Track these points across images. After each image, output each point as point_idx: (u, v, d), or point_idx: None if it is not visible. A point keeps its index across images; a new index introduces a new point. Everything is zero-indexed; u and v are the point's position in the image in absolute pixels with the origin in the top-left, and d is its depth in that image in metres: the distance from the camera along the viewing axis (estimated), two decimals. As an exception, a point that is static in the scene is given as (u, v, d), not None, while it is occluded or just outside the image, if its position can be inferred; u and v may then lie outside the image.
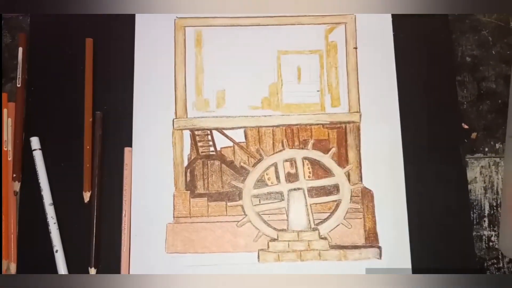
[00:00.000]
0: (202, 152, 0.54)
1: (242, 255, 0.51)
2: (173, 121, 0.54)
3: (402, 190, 0.53)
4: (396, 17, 0.56)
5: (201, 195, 0.53)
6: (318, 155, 0.54)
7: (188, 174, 0.53)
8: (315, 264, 0.51)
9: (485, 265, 0.52)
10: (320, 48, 0.56)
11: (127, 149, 0.53)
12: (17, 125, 0.53)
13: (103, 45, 0.56)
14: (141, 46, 0.56)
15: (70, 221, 0.52)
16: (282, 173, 0.54)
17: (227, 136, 0.54)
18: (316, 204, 0.53)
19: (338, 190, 0.53)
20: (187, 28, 0.56)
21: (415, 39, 0.56)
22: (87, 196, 0.52)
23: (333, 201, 0.53)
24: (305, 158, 0.54)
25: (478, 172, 0.54)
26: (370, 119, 0.54)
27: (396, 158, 0.53)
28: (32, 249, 0.51)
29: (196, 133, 0.54)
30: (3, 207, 0.51)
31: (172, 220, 0.52)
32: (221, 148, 0.54)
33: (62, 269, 0.50)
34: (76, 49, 0.55)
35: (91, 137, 0.53)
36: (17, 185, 0.52)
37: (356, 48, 0.56)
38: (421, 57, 0.56)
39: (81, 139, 0.53)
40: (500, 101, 0.56)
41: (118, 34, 0.56)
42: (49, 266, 0.51)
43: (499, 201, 0.54)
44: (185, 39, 0.56)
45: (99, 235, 0.51)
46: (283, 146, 0.54)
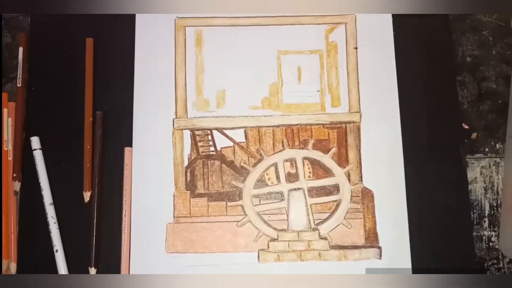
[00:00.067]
0: (202, 152, 0.54)
1: (242, 255, 0.51)
2: (173, 121, 0.54)
3: (402, 190, 0.53)
4: (396, 17, 0.56)
5: (201, 195, 0.53)
6: (318, 155, 0.54)
7: (188, 174, 0.53)
8: (315, 264, 0.51)
9: (485, 265, 0.52)
10: (320, 48, 0.56)
11: (127, 149, 0.53)
12: (17, 125, 0.53)
13: (103, 45, 0.56)
14: (141, 46, 0.56)
15: (70, 221, 0.52)
16: (282, 173, 0.54)
17: (227, 136, 0.54)
18: (316, 204, 0.53)
19: (338, 190, 0.53)
20: (187, 28, 0.56)
21: (415, 39, 0.56)
22: (87, 196, 0.52)
23: (333, 201, 0.53)
24: (305, 158, 0.54)
25: (478, 172, 0.54)
26: (370, 119, 0.54)
27: (396, 158, 0.53)
28: (32, 249, 0.51)
29: (196, 133, 0.54)
30: (3, 207, 0.51)
31: (172, 220, 0.52)
32: (221, 148, 0.54)
33: (62, 269, 0.50)
34: (76, 49, 0.55)
35: (91, 137, 0.53)
36: (17, 185, 0.52)
37: (356, 48, 0.56)
38: (421, 57, 0.56)
39: (81, 139, 0.53)
40: (500, 101, 0.56)
41: (118, 34, 0.56)
42: (49, 266, 0.51)
43: (499, 201, 0.54)
44: (185, 39, 0.56)
45: (99, 235, 0.51)
46: (283, 146, 0.54)
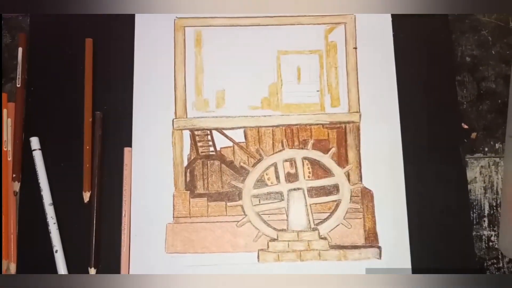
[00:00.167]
0: (202, 152, 0.54)
1: (242, 255, 0.51)
2: (173, 121, 0.54)
3: (402, 190, 0.53)
4: (396, 17, 0.56)
5: (201, 195, 0.53)
6: (318, 155, 0.54)
7: (188, 174, 0.53)
8: (315, 264, 0.51)
9: (485, 265, 0.52)
10: (320, 48, 0.56)
11: (127, 149, 0.53)
12: (17, 125, 0.53)
13: (103, 45, 0.56)
14: (141, 46, 0.56)
15: (70, 221, 0.52)
16: (282, 173, 0.54)
17: (227, 136, 0.54)
18: (316, 204, 0.53)
19: (338, 190, 0.53)
20: (187, 28, 0.56)
21: (415, 39, 0.56)
22: (87, 196, 0.52)
23: (333, 201, 0.53)
24: (305, 158, 0.54)
25: (478, 172, 0.54)
26: (370, 119, 0.54)
27: (396, 158, 0.53)
28: (32, 249, 0.51)
29: (196, 133, 0.54)
30: (3, 207, 0.51)
31: (172, 220, 0.52)
32: (221, 148, 0.54)
33: (62, 269, 0.50)
34: (76, 49, 0.55)
35: (91, 137, 0.53)
36: (17, 185, 0.52)
37: (356, 48, 0.56)
38: (421, 57, 0.56)
39: (81, 139, 0.53)
40: (500, 101, 0.56)
41: (118, 34, 0.56)
42: (49, 266, 0.51)
43: (499, 201, 0.54)
44: (185, 39, 0.56)
45: (99, 235, 0.51)
46: (283, 146, 0.54)
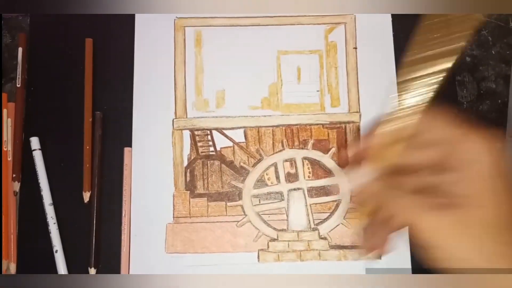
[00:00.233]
0: (202, 152, 0.54)
1: (242, 255, 0.51)
2: (173, 121, 0.54)
3: None
4: (396, 17, 0.56)
5: (201, 195, 0.53)
6: (318, 155, 0.54)
7: (188, 174, 0.53)
8: (315, 264, 0.51)
9: (485, 265, 0.52)
10: (320, 48, 0.56)
11: (127, 149, 0.53)
12: (17, 125, 0.53)
13: (103, 45, 0.56)
14: (141, 46, 0.55)
15: (70, 221, 0.52)
16: (282, 173, 0.54)
17: (227, 136, 0.54)
18: (316, 204, 0.53)
19: (338, 190, 0.53)
20: (187, 28, 0.56)
21: (415, 39, 0.56)
22: (87, 196, 0.52)
23: (333, 201, 0.53)
24: (305, 158, 0.54)
25: (478, 172, 0.54)
26: (370, 119, 0.54)
27: (396, 158, 0.53)
28: (32, 249, 0.51)
29: (196, 133, 0.54)
30: (3, 207, 0.51)
31: (172, 220, 0.52)
32: (221, 148, 0.54)
33: (62, 269, 0.50)
34: (76, 49, 0.55)
35: (91, 137, 0.53)
36: (17, 185, 0.52)
37: (356, 48, 0.56)
38: (421, 57, 0.56)
39: (81, 139, 0.53)
40: (499, 101, 0.56)
41: (118, 34, 0.56)
42: (49, 266, 0.51)
43: (499, 201, 0.53)
44: (185, 39, 0.56)
45: (99, 235, 0.51)
46: (283, 146, 0.54)
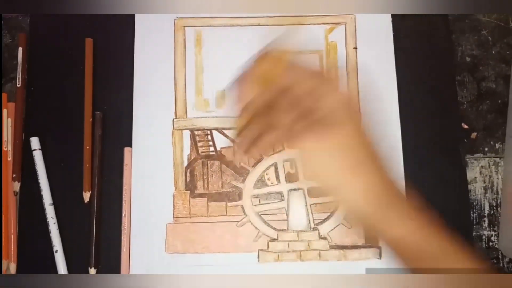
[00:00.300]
0: (202, 152, 0.54)
1: (242, 255, 0.51)
2: (173, 121, 0.54)
3: (402, 190, 0.52)
4: (396, 17, 0.56)
5: (201, 195, 0.53)
6: (318, 155, 0.54)
7: (188, 174, 0.53)
8: (315, 264, 0.51)
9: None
10: (320, 48, 0.56)
11: (127, 149, 0.53)
12: (17, 125, 0.53)
13: (103, 45, 0.56)
14: (141, 46, 0.55)
15: (70, 221, 0.52)
16: (282, 173, 0.54)
17: (227, 136, 0.54)
18: (316, 204, 0.53)
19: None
20: (187, 28, 0.56)
21: (415, 39, 0.56)
22: (87, 196, 0.52)
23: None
24: (305, 158, 0.54)
25: (478, 172, 0.54)
26: (370, 119, 0.54)
27: (396, 158, 0.53)
28: (32, 249, 0.51)
29: (196, 133, 0.54)
30: (3, 207, 0.51)
31: (172, 220, 0.52)
32: (221, 148, 0.54)
33: (62, 269, 0.50)
34: (76, 49, 0.55)
35: (91, 137, 0.53)
36: (17, 185, 0.52)
37: (356, 48, 0.56)
38: (421, 57, 0.56)
39: (81, 139, 0.53)
40: (500, 101, 0.56)
41: (118, 34, 0.56)
42: (49, 266, 0.51)
43: (499, 201, 0.53)
44: (185, 39, 0.56)
45: (99, 235, 0.51)
46: (283, 146, 0.54)
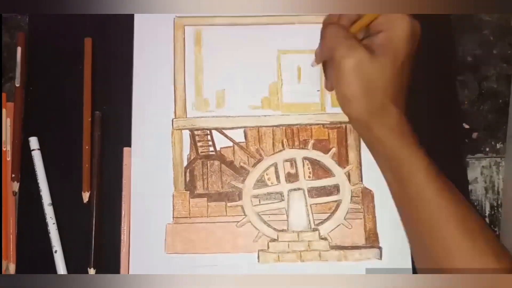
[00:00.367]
0: (201, 152, 0.54)
1: (242, 255, 0.51)
2: (173, 121, 0.54)
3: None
4: (396, 17, 0.56)
5: (200, 196, 0.53)
6: (318, 155, 0.54)
7: (187, 174, 0.53)
8: (315, 264, 0.51)
9: (486, 265, 0.52)
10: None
11: (126, 149, 0.53)
12: (15, 125, 0.53)
13: (102, 45, 0.56)
14: (140, 45, 0.55)
15: (69, 221, 0.52)
16: (282, 173, 0.53)
17: (227, 136, 0.54)
18: (316, 204, 0.53)
19: (338, 190, 0.53)
20: (187, 27, 0.56)
21: (415, 38, 0.56)
22: (86, 196, 0.52)
23: (333, 202, 0.53)
24: (305, 158, 0.54)
25: (479, 172, 0.54)
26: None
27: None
28: (31, 249, 0.51)
29: (195, 133, 0.54)
30: (2, 207, 0.51)
31: (171, 220, 0.52)
32: (221, 148, 0.54)
33: (61, 269, 0.50)
34: (75, 49, 0.55)
35: (90, 137, 0.53)
36: (16, 185, 0.52)
37: (356, 47, 0.56)
38: (422, 57, 0.56)
39: (80, 139, 0.53)
40: (501, 101, 0.56)
41: (117, 34, 0.56)
42: (48, 266, 0.50)
43: (500, 202, 0.53)
44: (184, 39, 0.56)
45: (98, 235, 0.51)
46: (283, 146, 0.54)
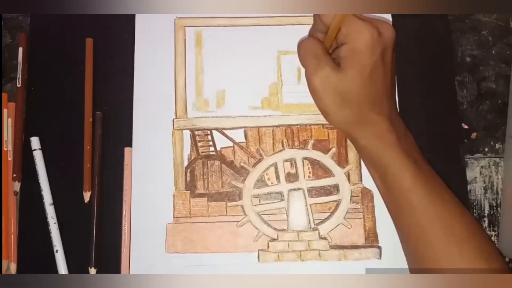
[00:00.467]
0: (202, 152, 0.54)
1: (242, 255, 0.51)
2: (173, 121, 0.54)
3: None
4: (396, 17, 0.56)
5: (201, 195, 0.53)
6: (318, 155, 0.54)
7: (188, 174, 0.53)
8: (315, 264, 0.51)
9: (485, 265, 0.52)
10: (320, 48, 0.56)
11: (127, 149, 0.53)
12: (17, 125, 0.53)
13: (103, 45, 0.56)
14: (141, 46, 0.56)
15: (70, 221, 0.52)
16: (282, 173, 0.54)
17: (227, 136, 0.54)
18: (316, 204, 0.53)
19: (338, 190, 0.53)
20: (187, 28, 0.56)
21: (415, 39, 0.56)
22: (87, 196, 0.52)
23: (333, 201, 0.53)
24: (305, 158, 0.54)
25: (478, 172, 0.54)
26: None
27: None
28: (32, 249, 0.51)
29: (196, 133, 0.54)
30: (3, 207, 0.51)
31: (172, 220, 0.52)
32: (221, 148, 0.54)
33: (62, 269, 0.50)
34: (76, 49, 0.55)
35: (91, 137, 0.53)
36: (17, 185, 0.52)
37: (356, 48, 0.56)
38: (421, 57, 0.56)
39: (81, 139, 0.53)
40: (500, 101, 0.56)
41: (118, 34, 0.56)
42: (49, 266, 0.51)
43: (499, 201, 0.54)
44: (185, 39, 0.56)
45: (99, 235, 0.51)
46: (283, 146, 0.54)
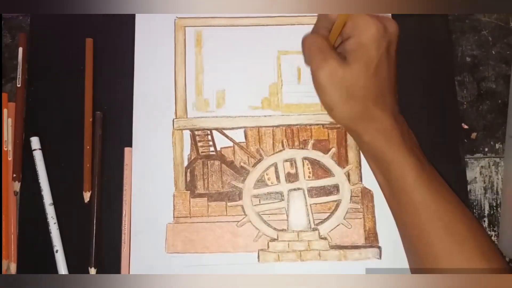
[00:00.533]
0: (202, 152, 0.54)
1: (242, 255, 0.51)
2: (173, 121, 0.54)
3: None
4: (396, 17, 0.56)
5: (201, 195, 0.53)
6: (318, 155, 0.54)
7: (188, 174, 0.53)
8: (315, 264, 0.51)
9: (485, 265, 0.52)
10: (320, 48, 0.56)
11: (127, 149, 0.53)
12: (17, 125, 0.53)
13: (104, 45, 0.56)
14: (141, 46, 0.56)
15: (70, 221, 0.52)
16: (282, 173, 0.54)
17: (227, 136, 0.54)
18: (316, 204, 0.53)
19: (338, 190, 0.53)
20: (187, 28, 0.56)
21: (415, 39, 0.56)
22: (87, 196, 0.52)
23: (333, 201, 0.53)
24: (305, 158, 0.54)
25: (478, 172, 0.54)
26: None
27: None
28: (32, 249, 0.51)
29: (196, 133, 0.54)
30: (3, 207, 0.51)
31: (172, 220, 0.52)
32: (221, 148, 0.54)
33: (62, 269, 0.50)
34: (76, 49, 0.55)
35: (91, 137, 0.53)
36: (17, 185, 0.52)
37: (356, 48, 0.56)
38: (421, 57, 0.56)
39: (81, 139, 0.53)
40: (500, 101, 0.56)
41: (118, 34, 0.56)
42: (49, 266, 0.51)
43: (499, 201, 0.54)
44: (185, 39, 0.56)
45: (99, 235, 0.51)
46: (283, 146, 0.54)
